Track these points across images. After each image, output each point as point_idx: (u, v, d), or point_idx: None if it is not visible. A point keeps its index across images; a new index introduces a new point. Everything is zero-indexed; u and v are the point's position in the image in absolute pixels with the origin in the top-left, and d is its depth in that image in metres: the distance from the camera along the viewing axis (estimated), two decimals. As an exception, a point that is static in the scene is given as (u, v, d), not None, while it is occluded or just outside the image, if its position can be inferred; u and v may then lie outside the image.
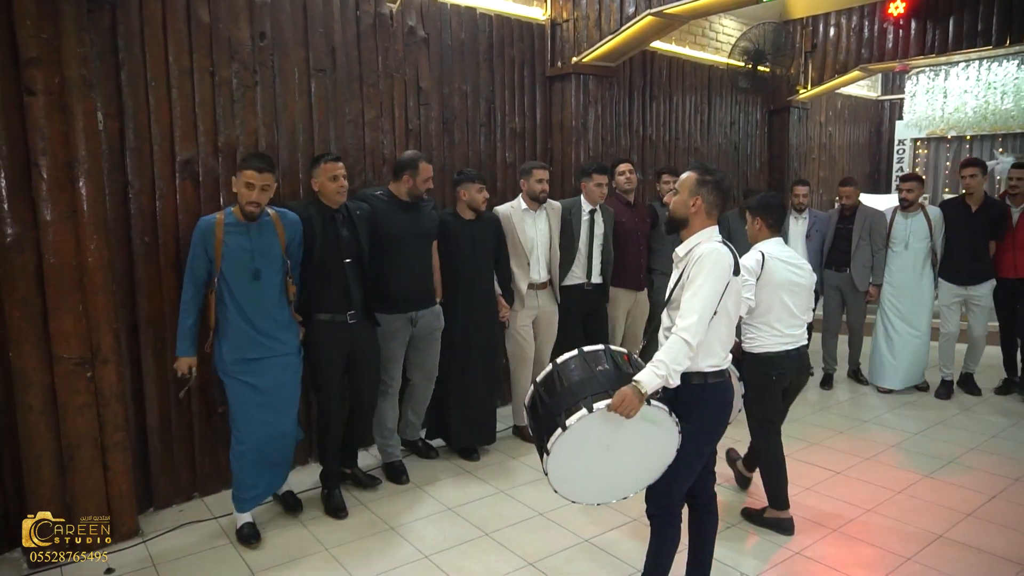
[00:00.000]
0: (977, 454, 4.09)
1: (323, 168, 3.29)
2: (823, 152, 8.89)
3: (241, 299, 3.04)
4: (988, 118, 8.21)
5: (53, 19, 2.80)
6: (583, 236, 4.30)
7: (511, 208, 4.16)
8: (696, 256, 2.26)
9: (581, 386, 2.35)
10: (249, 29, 3.59)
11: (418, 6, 4.32)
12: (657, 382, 2.19)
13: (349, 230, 3.36)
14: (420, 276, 3.73)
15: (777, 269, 3.08)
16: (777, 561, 2.98)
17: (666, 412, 2.26)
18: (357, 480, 3.69)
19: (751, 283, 3.05)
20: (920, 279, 5.11)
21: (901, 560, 2.96)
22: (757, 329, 3.14)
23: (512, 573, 2.90)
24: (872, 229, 5.16)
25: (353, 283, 3.35)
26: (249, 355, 3.06)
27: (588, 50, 4.88)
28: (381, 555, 3.04)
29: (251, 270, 3.03)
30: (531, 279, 4.16)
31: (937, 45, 6.32)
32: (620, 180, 4.61)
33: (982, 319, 5.04)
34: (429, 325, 3.80)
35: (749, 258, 3.10)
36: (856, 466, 3.95)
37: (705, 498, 2.54)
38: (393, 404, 3.83)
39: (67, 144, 2.87)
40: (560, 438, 2.26)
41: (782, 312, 3.10)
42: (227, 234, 3.01)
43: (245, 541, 3.11)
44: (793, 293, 3.12)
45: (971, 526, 3.24)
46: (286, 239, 3.14)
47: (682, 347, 2.19)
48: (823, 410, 4.97)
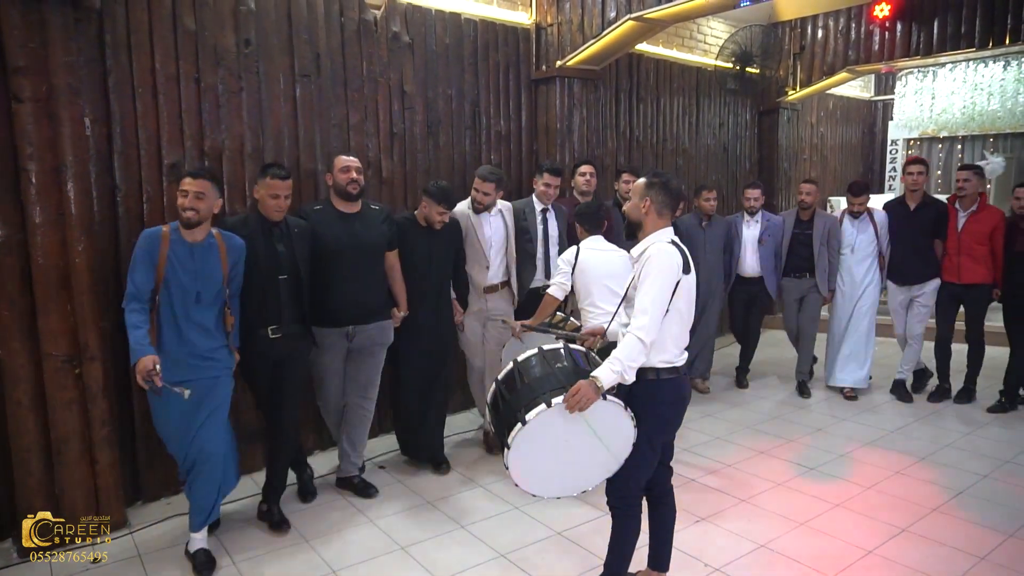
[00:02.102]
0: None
1: (267, 183, 3.12)
2: (815, 153, 8.95)
3: (176, 319, 2.88)
4: (975, 119, 8.27)
5: (40, 29, 2.91)
6: (538, 236, 4.23)
7: (466, 208, 4.03)
8: (647, 257, 2.36)
9: (540, 382, 2.46)
10: (234, 36, 3.70)
11: (402, 12, 4.42)
12: (613, 378, 2.29)
13: (286, 245, 3.21)
14: (361, 289, 3.51)
15: (590, 260, 3.58)
16: (742, 553, 3.06)
17: (621, 407, 2.36)
18: (271, 519, 3.31)
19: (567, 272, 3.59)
20: (867, 281, 5.09)
21: (862, 553, 3.04)
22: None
23: (483, 564, 3.00)
24: (831, 234, 5.13)
25: (286, 299, 3.20)
26: (178, 376, 2.85)
27: (572, 54, 4.98)
28: (356, 548, 3.15)
29: (193, 293, 2.89)
30: (487, 281, 4.06)
31: (922, 47, 6.38)
32: (579, 181, 4.49)
33: (922, 318, 5.02)
34: (368, 339, 3.59)
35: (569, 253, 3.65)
36: (829, 463, 4.04)
37: (661, 491, 2.63)
38: (336, 421, 3.72)
39: (54, 149, 2.98)
40: (520, 432, 2.35)
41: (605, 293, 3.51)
42: (171, 250, 2.86)
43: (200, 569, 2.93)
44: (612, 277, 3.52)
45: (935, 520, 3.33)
46: (229, 264, 2.99)
47: (636, 345, 2.28)
48: (785, 414, 5.06)
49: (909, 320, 5.07)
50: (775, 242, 5.28)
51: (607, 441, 2.41)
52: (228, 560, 3.04)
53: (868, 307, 5.15)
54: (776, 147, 7.65)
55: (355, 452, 3.72)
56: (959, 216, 4.82)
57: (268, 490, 3.37)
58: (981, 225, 4.74)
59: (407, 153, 4.52)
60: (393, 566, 3.00)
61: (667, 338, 2.38)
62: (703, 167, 6.97)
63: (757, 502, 3.55)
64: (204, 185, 2.89)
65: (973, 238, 4.75)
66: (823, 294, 5.24)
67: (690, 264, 2.42)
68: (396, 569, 2.97)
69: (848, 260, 5.11)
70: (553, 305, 3.67)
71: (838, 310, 5.24)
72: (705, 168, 6.99)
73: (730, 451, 4.20)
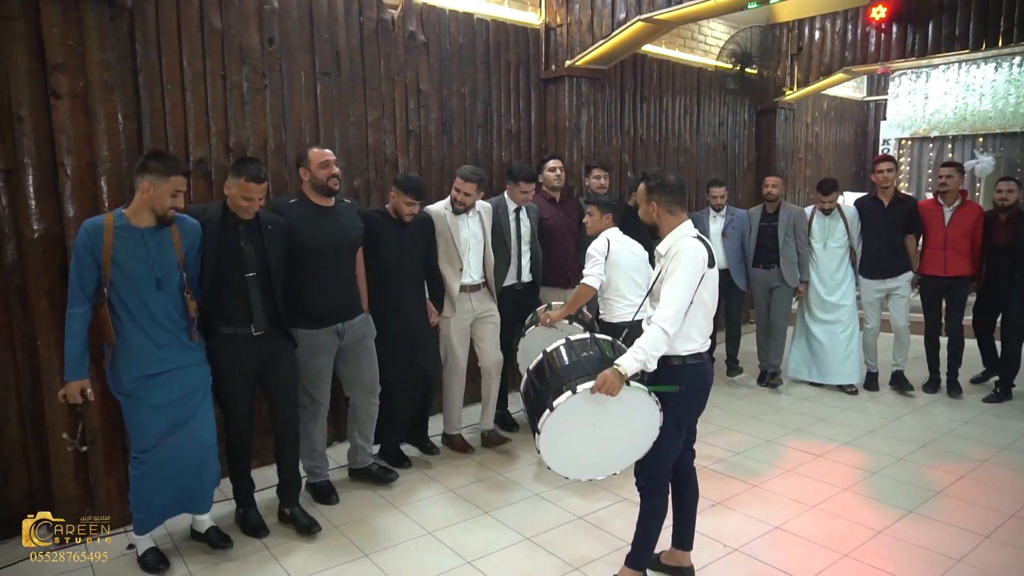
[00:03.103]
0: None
1: (242, 184, 2.92)
2: (809, 152, 9.12)
3: (136, 311, 2.76)
4: (967, 119, 8.48)
5: (78, 26, 2.98)
6: (512, 235, 4.25)
7: (443, 208, 3.99)
8: (674, 252, 2.47)
9: (568, 371, 2.60)
10: (259, 35, 3.78)
11: (418, 12, 4.51)
12: (636, 366, 2.40)
13: (254, 244, 3.04)
14: (342, 287, 3.44)
15: (620, 252, 3.73)
16: (759, 534, 3.19)
17: (645, 392, 2.47)
18: (296, 521, 3.24)
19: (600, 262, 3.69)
20: (839, 277, 5.23)
21: (872, 533, 3.17)
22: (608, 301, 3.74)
23: (510, 547, 3.10)
24: (796, 226, 5.23)
25: (255, 298, 3.04)
26: (149, 370, 2.78)
27: (581, 54, 5.09)
28: (386, 534, 3.24)
29: (151, 278, 2.76)
30: (463, 281, 3.99)
31: (917, 48, 6.54)
32: (549, 176, 4.53)
33: (903, 310, 5.17)
34: (358, 334, 3.52)
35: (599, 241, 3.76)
36: (833, 450, 4.18)
37: (684, 472, 2.75)
38: (322, 425, 3.53)
39: (90, 144, 3.05)
40: (549, 418, 2.49)
41: (630, 285, 3.71)
42: (117, 239, 2.71)
43: (150, 569, 2.90)
44: (635, 270, 3.73)
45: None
46: (184, 247, 2.87)
47: (660, 335, 2.40)
48: (772, 409, 5.20)
49: (893, 314, 5.22)
50: (740, 235, 5.39)
51: (634, 425, 2.52)
52: (260, 544, 3.13)
53: (851, 309, 5.27)
54: (773, 146, 7.80)
55: (368, 444, 3.77)
56: (945, 211, 5.00)
57: (285, 491, 3.31)
58: (966, 219, 4.96)
59: (422, 150, 4.61)
60: (424, 549, 3.09)
61: (692, 328, 2.49)
62: (703, 165, 7.10)
63: (768, 487, 3.67)
64: (182, 183, 2.82)
65: (959, 232, 4.96)
66: (791, 285, 5.29)
67: (714, 258, 2.54)
68: (427, 552, 3.07)
69: (821, 255, 5.26)
70: (588, 296, 3.70)
71: (813, 307, 5.33)
72: (705, 166, 7.12)
73: (738, 440, 4.34)
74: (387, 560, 3.00)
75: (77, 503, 3.15)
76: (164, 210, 2.78)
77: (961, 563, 2.91)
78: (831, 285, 5.26)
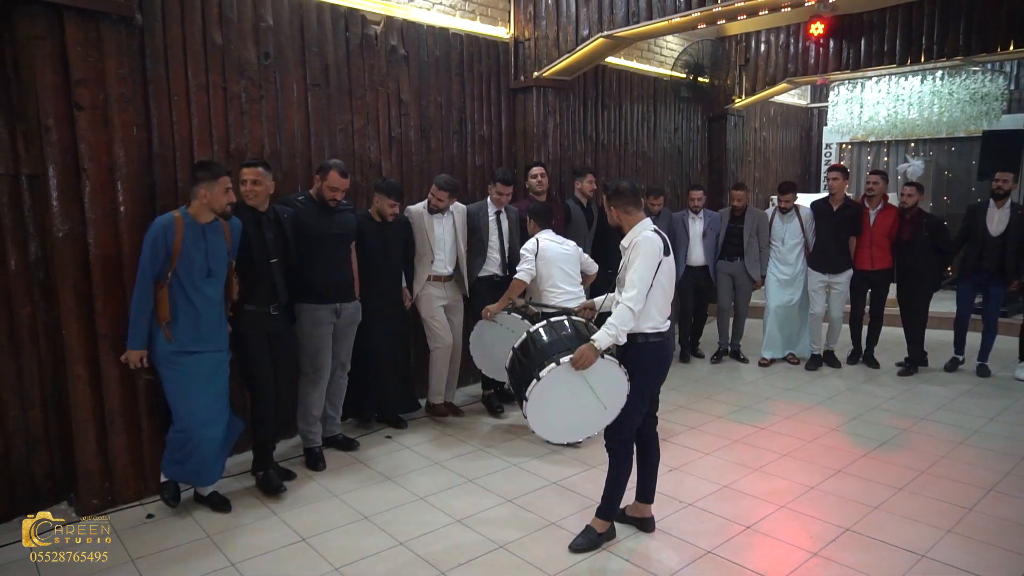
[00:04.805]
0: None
1: (242, 174, 3.58)
2: (758, 155, 9.76)
3: (192, 296, 3.28)
4: (898, 126, 9.23)
5: (97, 45, 3.28)
6: (494, 235, 4.81)
7: (422, 208, 4.61)
8: (634, 244, 2.92)
9: (550, 347, 3.04)
10: (256, 50, 4.11)
11: (399, 27, 4.88)
12: (609, 340, 2.84)
13: (275, 232, 3.67)
14: (341, 271, 4.03)
15: (550, 248, 4.37)
16: (709, 492, 3.66)
17: (616, 363, 2.91)
18: (268, 482, 3.68)
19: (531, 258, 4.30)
20: (794, 268, 5.98)
21: (806, 488, 3.68)
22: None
23: (495, 507, 3.51)
24: (759, 228, 6.06)
25: (279, 281, 3.67)
26: (188, 348, 3.28)
27: (547, 66, 5.52)
28: (383, 500, 3.62)
29: (204, 269, 3.28)
30: (434, 272, 4.62)
31: (852, 62, 7.19)
32: (532, 182, 5.12)
33: (839, 303, 5.97)
34: (350, 317, 4.12)
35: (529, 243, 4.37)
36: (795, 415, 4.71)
37: (648, 436, 3.20)
38: (320, 393, 4.04)
39: (109, 152, 3.36)
40: (536, 387, 2.92)
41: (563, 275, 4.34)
42: (185, 234, 3.24)
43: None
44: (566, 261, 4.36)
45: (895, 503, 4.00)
46: (232, 241, 3.44)
47: (627, 313, 2.84)
48: (720, 386, 5.74)
49: (831, 305, 5.98)
50: (716, 234, 6.19)
51: (606, 393, 2.96)
52: (268, 510, 3.47)
53: (804, 293, 6.07)
54: (724, 150, 8.38)
55: (337, 414, 4.32)
56: (871, 214, 5.76)
57: (260, 456, 3.74)
58: (887, 220, 5.73)
59: (403, 155, 4.99)
60: (418, 512, 3.48)
61: (652, 307, 2.94)
62: (659, 168, 7.63)
63: (719, 455, 4.16)
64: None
65: (882, 231, 5.76)
66: (754, 279, 6.15)
67: (669, 248, 2.99)
68: (421, 513, 3.46)
69: (779, 250, 6.02)
70: (520, 288, 4.32)
71: (771, 294, 6.13)
72: (661, 169, 7.65)
73: (692, 417, 4.84)
74: (388, 522, 3.37)
75: (99, 478, 3.45)
76: (222, 207, 3.32)
77: (877, 510, 3.44)
78: (790, 274, 6.01)
